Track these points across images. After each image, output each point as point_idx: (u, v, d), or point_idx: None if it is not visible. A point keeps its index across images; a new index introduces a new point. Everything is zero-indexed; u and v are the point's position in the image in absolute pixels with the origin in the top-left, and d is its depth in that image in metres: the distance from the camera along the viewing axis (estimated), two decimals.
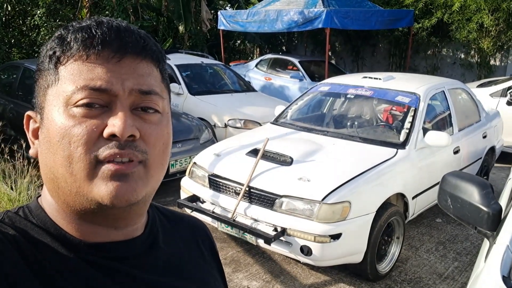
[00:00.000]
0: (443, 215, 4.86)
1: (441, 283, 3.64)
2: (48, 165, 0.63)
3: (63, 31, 0.64)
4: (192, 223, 0.88)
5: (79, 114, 0.60)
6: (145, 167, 0.64)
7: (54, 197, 0.65)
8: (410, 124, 4.11)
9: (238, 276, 3.64)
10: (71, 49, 0.62)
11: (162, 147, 0.67)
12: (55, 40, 0.64)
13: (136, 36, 0.65)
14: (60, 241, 0.64)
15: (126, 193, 0.61)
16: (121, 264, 0.67)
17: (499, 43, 10.09)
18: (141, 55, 0.65)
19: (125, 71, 0.63)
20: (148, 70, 0.66)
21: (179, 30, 12.47)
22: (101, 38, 0.62)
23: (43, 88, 0.65)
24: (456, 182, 1.76)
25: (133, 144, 0.62)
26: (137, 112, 0.64)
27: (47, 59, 0.64)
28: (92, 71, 0.61)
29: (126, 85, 0.62)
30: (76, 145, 0.60)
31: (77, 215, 0.64)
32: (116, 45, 0.63)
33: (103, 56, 0.62)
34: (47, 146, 0.62)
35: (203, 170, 3.91)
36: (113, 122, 0.60)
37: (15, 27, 11.13)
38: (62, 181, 0.62)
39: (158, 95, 0.66)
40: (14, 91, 6.15)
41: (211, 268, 0.85)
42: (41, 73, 0.65)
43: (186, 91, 6.90)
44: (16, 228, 0.63)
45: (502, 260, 1.41)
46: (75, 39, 0.62)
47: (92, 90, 0.60)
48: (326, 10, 8.26)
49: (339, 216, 3.20)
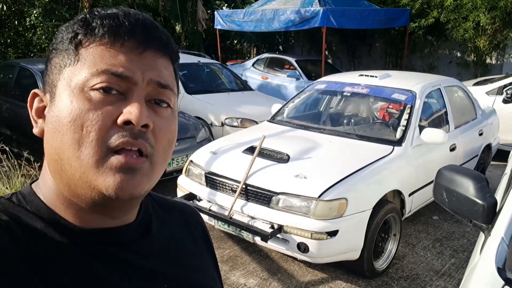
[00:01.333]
0: (440, 213, 4.87)
1: (438, 279, 3.64)
2: (54, 145, 0.62)
3: (88, 15, 0.65)
4: (184, 209, 0.89)
5: (96, 98, 0.60)
6: (151, 163, 0.64)
7: (55, 178, 0.64)
8: (406, 122, 4.12)
9: (235, 274, 3.63)
10: (95, 34, 0.62)
11: (167, 144, 0.67)
12: (78, 23, 0.64)
13: (160, 32, 0.67)
14: (53, 227, 0.63)
15: (131, 186, 0.61)
16: (115, 249, 0.67)
17: (495, 41, 10.11)
18: (163, 50, 0.67)
19: (146, 62, 0.64)
20: (166, 65, 0.67)
21: (176, 30, 12.47)
22: (128, 28, 0.63)
23: (58, 67, 0.64)
24: (451, 176, 1.76)
25: (145, 135, 0.62)
26: (151, 104, 0.65)
27: (68, 40, 0.64)
28: (115, 58, 0.62)
29: (146, 75, 0.63)
30: (88, 130, 0.59)
31: (76, 200, 0.64)
32: (141, 37, 0.64)
33: (128, 45, 0.63)
34: (56, 125, 0.61)
35: (199, 168, 3.90)
36: (129, 110, 0.60)
37: (11, 27, 11.09)
38: (66, 163, 0.61)
39: (172, 91, 0.68)
40: (9, 90, 6.13)
41: (203, 254, 0.85)
42: (58, 52, 0.65)
43: (183, 90, 6.89)
44: (9, 214, 0.62)
45: (497, 252, 1.41)
46: (102, 24, 0.63)
47: (113, 75, 0.61)
48: (322, 9, 8.28)
49: (336, 213, 3.20)
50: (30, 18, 10.14)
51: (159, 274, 0.71)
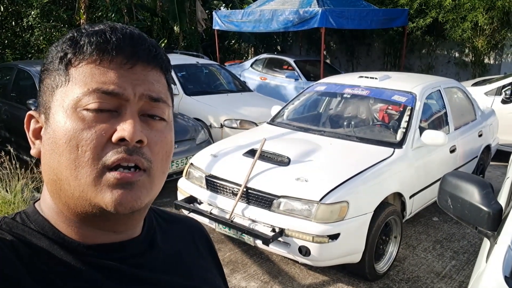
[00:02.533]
0: (439, 214, 4.87)
1: (439, 281, 3.64)
2: (51, 166, 0.63)
3: (76, 33, 0.65)
4: (188, 223, 0.89)
5: (89, 117, 0.60)
6: (149, 176, 0.64)
7: (54, 198, 0.65)
8: (406, 123, 4.11)
9: (236, 277, 3.62)
10: (84, 52, 0.62)
11: (165, 156, 0.67)
12: (67, 42, 0.64)
13: (149, 44, 0.66)
14: (58, 244, 0.64)
15: (131, 200, 0.62)
16: (121, 264, 0.67)
17: (493, 41, 10.13)
18: (152, 63, 0.66)
19: (136, 77, 0.64)
20: (157, 78, 0.67)
21: (174, 30, 12.45)
22: (115, 44, 0.63)
23: (50, 88, 0.64)
24: (456, 182, 1.76)
25: (140, 151, 0.62)
26: (144, 118, 0.65)
27: (57, 60, 0.64)
28: (105, 75, 0.62)
29: (137, 90, 0.63)
30: (84, 149, 0.60)
31: (77, 218, 0.64)
32: (129, 52, 0.64)
33: (116, 61, 0.63)
34: (52, 147, 0.62)
35: (200, 171, 3.89)
36: (123, 127, 0.61)
37: (9, 28, 11.04)
38: (65, 183, 0.62)
39: (165, 103, 0.67)
40: (8, 92, 6.11)
41: (210, 266, 0.85)
42: (49, 73, 0.65)
43: (182, 91, 6.87)
44: (14, 234, 0.62)
45: (504, 260, 1.41)
46: (89, 42, 0.63)
47: (104, 93, 0.61)
48: (321, 9, 8.27)
49: (337, 216, 3.19)
50: (27, 19, 10.10)
51: (166, 286, 0.71)
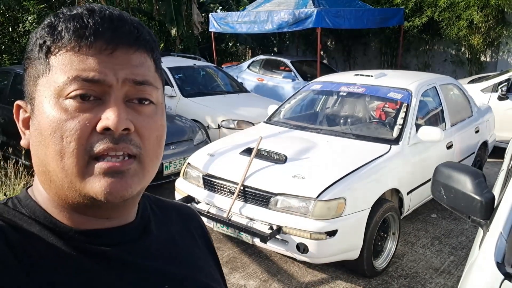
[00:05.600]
0: (438, 211, 4.88)
1: (437, 277, 3.65)
2: (40, 157, 0.62)
3: (53, 18, 0.62)
4: (183, 211, 0.87)
5: (72, 107, 0.59)
6: (140, 162, 0.63)
7: (46, 189, 0.64)
8: (403, 120, 4.12)
9: (235, 276, 3.63)
10: (62, 39, 0.60)
11: (156, 140, 0.65)
12: (45, 29, 0.62)
13: (130, 26, 0.63)
14: (49, 229, 0.63)
15: (121, 189, 0.60)
16: (113, 250, 0.66)
17: (489, 39, 10.16)
18: (135, 45, 0.63)
19: (118, 61, 0.61)
20: (142, 60, 0.64)
21: (171, 34, 12.46)
22: (93, 29, 0.60)
23: (33, 78, 0.63)
24: (449, 173, 1.77)
25: (128, 138, 0.60)
26: (131, 104, 0.62)
27: (37, 48, 0.62)
28: (84, 62, 0.59)
29: (119, 75, 0.60)
30: (68, 140, 0.58)
31: (69, 206, 0.64)
32: (109, 36, 0.60)
33: (96, 47, 0.60)
34: (39, 138, 0.61)
35: (197, 171, 3.90)
36: (106, 116, 0.59)
37: (5, 34, 11.06)
38: (53, 175, 0.61)
39: (152, 86, 0.65)
40: (5, 97, 6.12)
41: (205, 255, 0.84)
42: (31, 62, 0.63)
43: (179, 93, 6.89)
44: (4, 219, 0.62)
45: (495, 247, 1.42)
46: (67, 28, 0.60)
47: (85, 81, 0.59)
48: (316, 10, 8.29)
49: (335, 213, 3.20)
50: (24, 24, 10.12)
51: (159, 274, 0.70)
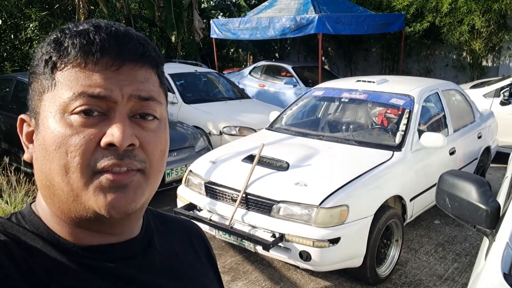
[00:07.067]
0: (441, 217, 4.85)
1: (442, 284, 3.61)
2: (44, 172, 0.62)
3: (60, 34, 0.62)
4: (186, 226, 0.88)
5: (77, 122, 0.59)
6: (144, 175, 0.63)
7: (48, 203, 0.64)
8: (405, 126, 4.11)
9: (238, 284, 3.60)
10: (68, 55, 0.60)
11: (160, 154, 0.66)
12: (51, 44, 0.62)
13: (135, 42, 0.64)
14: (53, 245, 0.63)
15: (125, 204, 0.61)
16: (117, 265, 0.66)
17: (491, 44, 10.16)
18: (141, 62, 0.64)
19: (123, 77, 0.61)
20: (147, 76, 0.64)
21: (172, 40, 12.49)
22: (99, 45, 0.60)
23: (38, 93, 0.63)
24: (453, 181, 1.75)
25: (132, 154, 0.61)
26: (136, 119, 0.63)
27: (43, 63, 0.62)
28: (90, 78, 0.59)
29: (125, 91, 0.61)
30: (73, 155, 0.58)
31: (72, 222, 0.64)
32: (115, 52, 0.61)
33: (102, 63, 0.60)
34: (43, 153, 0.61)
35: (199, 178, 3.88)
36: (111, 132, 0.59)
37: (7, 41, 11.11)
38: (58, 189, 0.61)
39: (156, 101, 0.65)
40: (7, 104, 6.13)
41: (207, 270, 0.84)
42: (36, 77, 0.63)
43: (181, 100, 6.90)
44: (8, 234, 0.62)
45: (502, 257, 1.40)
46: (73, 44, 0.60)
47: (91, 97, 0.59)
48: (318, 16, 8.31)
49: (337, 220, 3.18)
50: (26, 32, 10.17)
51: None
